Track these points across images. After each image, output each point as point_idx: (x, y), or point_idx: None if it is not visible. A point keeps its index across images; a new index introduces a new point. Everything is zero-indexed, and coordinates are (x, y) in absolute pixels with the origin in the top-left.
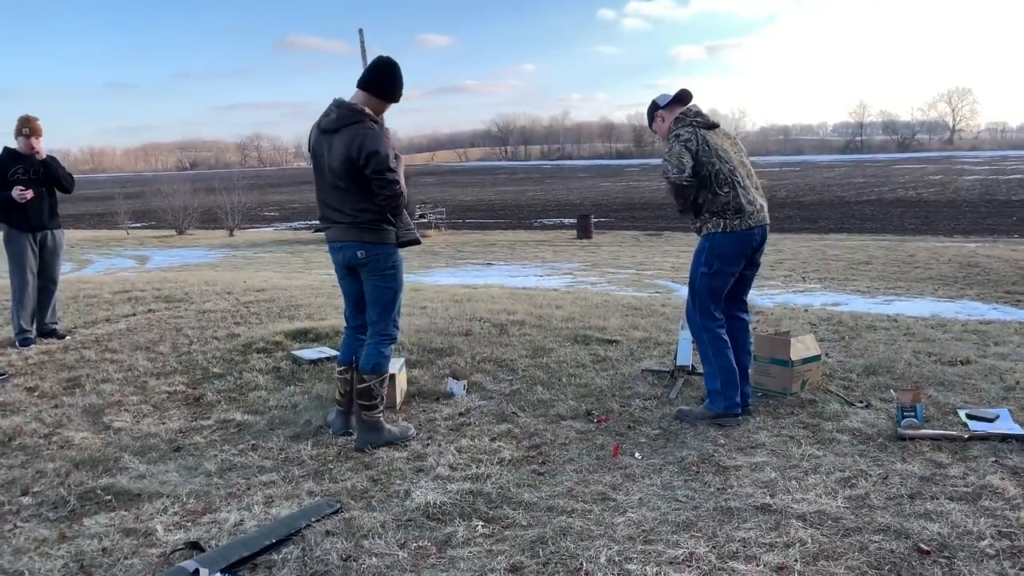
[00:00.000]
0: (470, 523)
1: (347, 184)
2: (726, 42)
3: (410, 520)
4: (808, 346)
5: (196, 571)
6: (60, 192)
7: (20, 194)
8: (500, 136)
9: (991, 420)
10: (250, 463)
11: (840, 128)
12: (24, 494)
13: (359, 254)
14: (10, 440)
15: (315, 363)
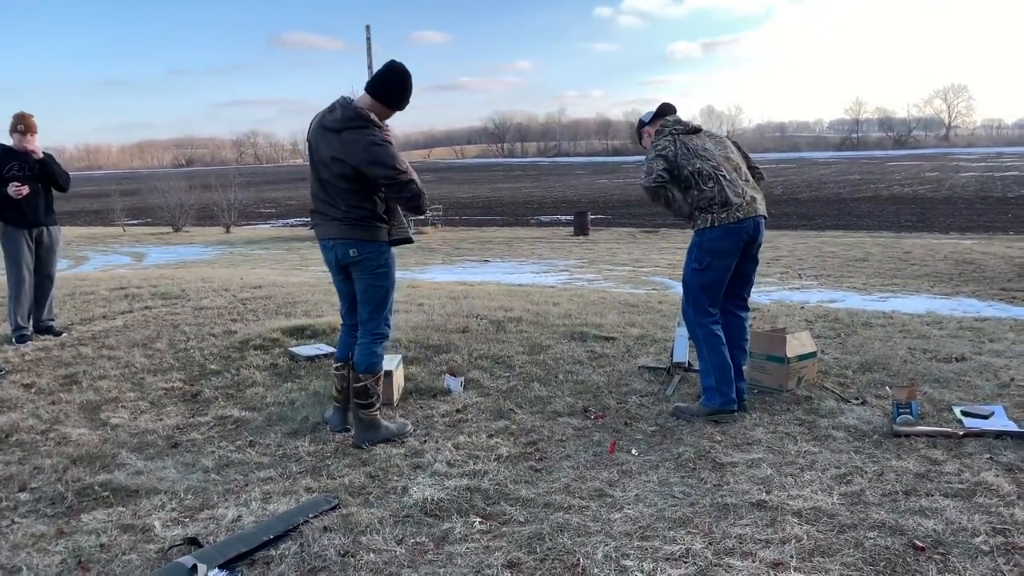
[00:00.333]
0: (467, 519)
1: (344, 183)
2: (722, 39)
3: (408, 516)
4: (804, 343)
5: (194, 567)
6: (56, 191)
7: (16, 191)
8: (497, 133)
9: (986, 417)
10: (248, 459)
11: (836, 125)
12: (22, 490)
13: (351, 252)
14: (7, 436)
15: (312, 360)
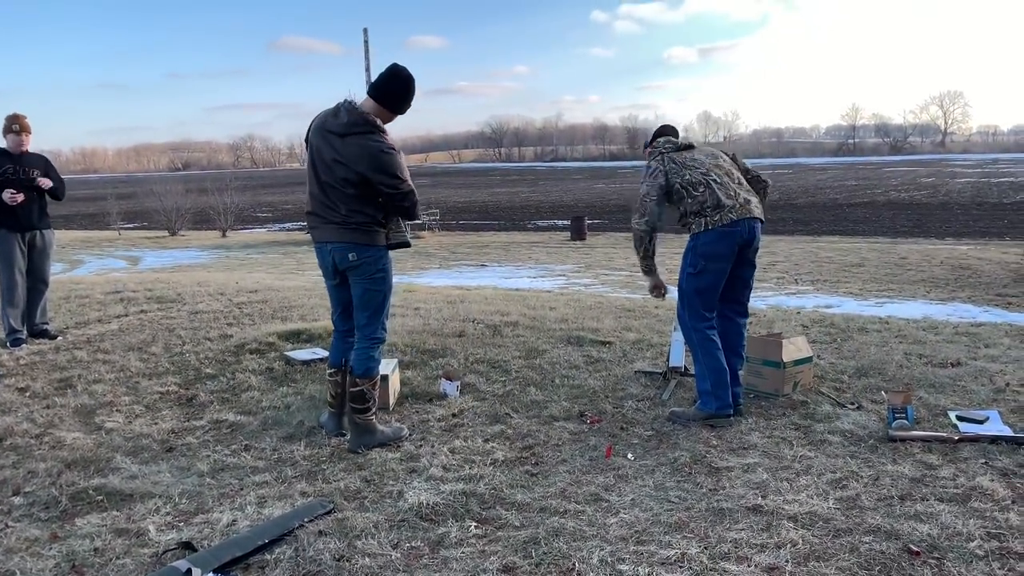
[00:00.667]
0: (463, 524)
1: (347, 188)
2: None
3: (403, 520)
4: (800, 348)
5: (188, 571)
6: (51, 200)
7: (11, 197)
8: (493, 138)
9: (981, 422)
10: (243, 463)
11: (833, 131)
12: (15, 494)
13: (350, 256)
14: (1, 440)
15: (308, 364)
